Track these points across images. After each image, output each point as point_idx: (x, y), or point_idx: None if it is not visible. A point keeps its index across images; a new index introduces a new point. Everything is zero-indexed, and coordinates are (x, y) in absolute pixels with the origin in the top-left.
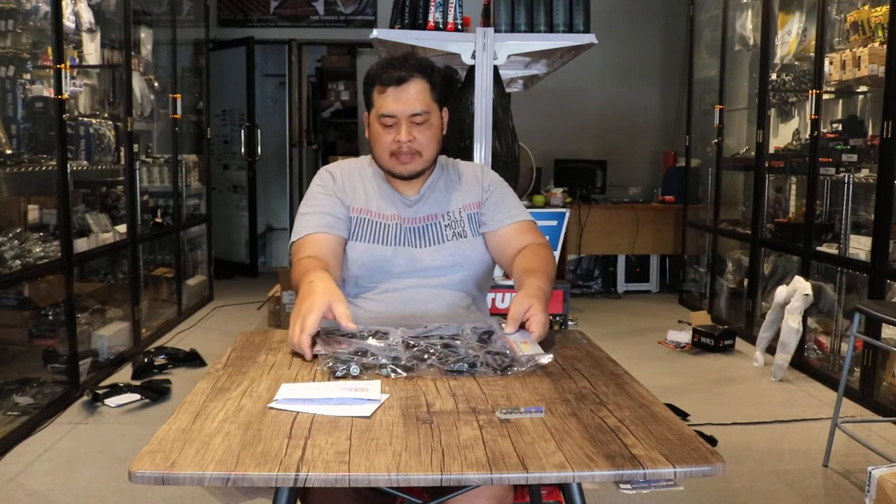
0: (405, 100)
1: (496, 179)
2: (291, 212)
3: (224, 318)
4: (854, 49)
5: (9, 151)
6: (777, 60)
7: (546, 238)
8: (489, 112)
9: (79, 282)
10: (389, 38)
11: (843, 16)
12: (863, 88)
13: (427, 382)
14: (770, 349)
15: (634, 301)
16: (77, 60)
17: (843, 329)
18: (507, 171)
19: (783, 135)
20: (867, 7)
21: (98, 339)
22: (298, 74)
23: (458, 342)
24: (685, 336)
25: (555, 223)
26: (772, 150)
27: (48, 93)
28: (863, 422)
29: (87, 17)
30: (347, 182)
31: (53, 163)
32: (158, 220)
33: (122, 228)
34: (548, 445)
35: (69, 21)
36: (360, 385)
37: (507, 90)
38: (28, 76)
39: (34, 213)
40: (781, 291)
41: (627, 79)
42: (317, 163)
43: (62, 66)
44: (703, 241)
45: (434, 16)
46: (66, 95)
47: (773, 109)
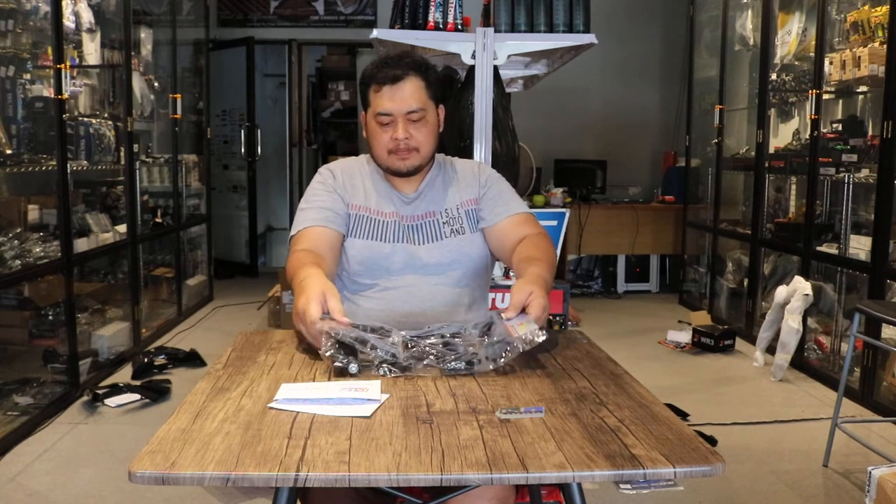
0: (401, 98)
1: (493, 175)
2: (291, 212)
3: (224, 318)
4: (854, 49)
5: (9, 151)
6: (777, 60)
7: (544, 229)
8: (489, 112)
9: (79, 282)
10: (389, 38)
11: (843, 16)
12: (863, 88)
13: (427, 382)
14: (770, 349)
15: (634, 301)
16: (77, 60)
17: (843, 329)
18: (507, 171)
19: (783, 135)
20: (867, 7)
21: (98, 339)
22: (298, 74)
23: (458, 340)
24: (685, 336)
25: (555, 223)
26: (772, 150)
27: (48, 93)
28: (863, 422)
29: (87, 17)
30: (347, 180)
31: (53, 163)
32: (158, 220)
33: (122, 228)
34: (548, 445)
35: (69, 21)
36: (360, 385)
37: (507, 90)
38: (28, 76)
39: (34, 213)
40: (781, 291)
41: (627, 79)
42: (317, 163)
43: (62, 66)
44: (703, 241)
45: (434, 16)
46: (66, 95)
47: (773, 109)
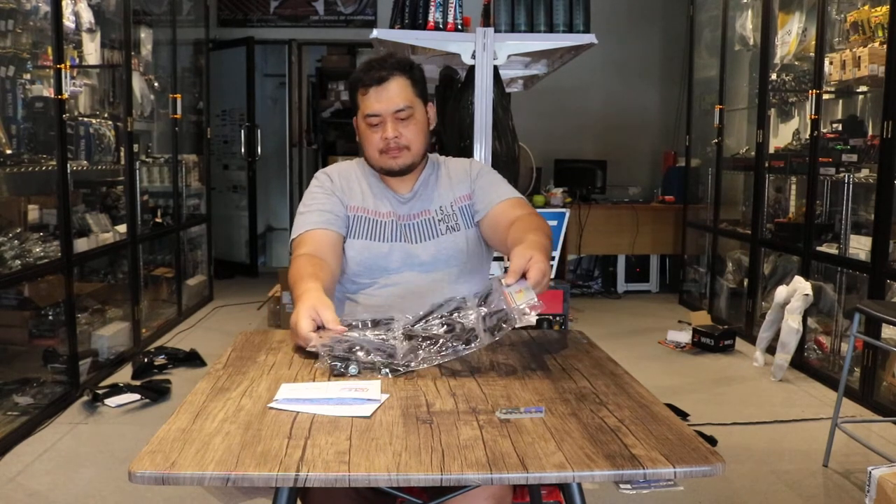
0: (387, 98)
1: (484, 168)
2: (291, 212)
3: (224, 318)
4: (854, 49)
5: (9, 151)
6: (777, 60)
7: (537, 212)
8: (489, 112)
9: (79, 282)
10: (389, 38)
11: (843, 16)
12: (863, 88)
13: (427, 382)
14: (770, 349)
15: (634, 301)
16: (77, 60)
17: (843, 329)
18: (507, 171)
19: (783, 135)
20: (867, 7)
21: (98, 339)
22: (298, 74)
23: (457, 316)
24: (685, 336)
25: (555, 223)
26: (772, 150)
27: (48, 93)
28: (863, 422)
29: (87, 17)
30: (344, 182)
31: (53, 163)
32: (158, 220)
33: (122, 228)
34: (548, 445)
35: (69, 21)
36: (360, 385)
37: (507, 90)
38: (28, 76)
39: (34, 213)
40: (781, 291)
41: (627, 79)
42: (317, 163)
43: (62, 66)
44: (703, 241)
45: (434, 16)
46: (66, 95)
47: (773, 109)
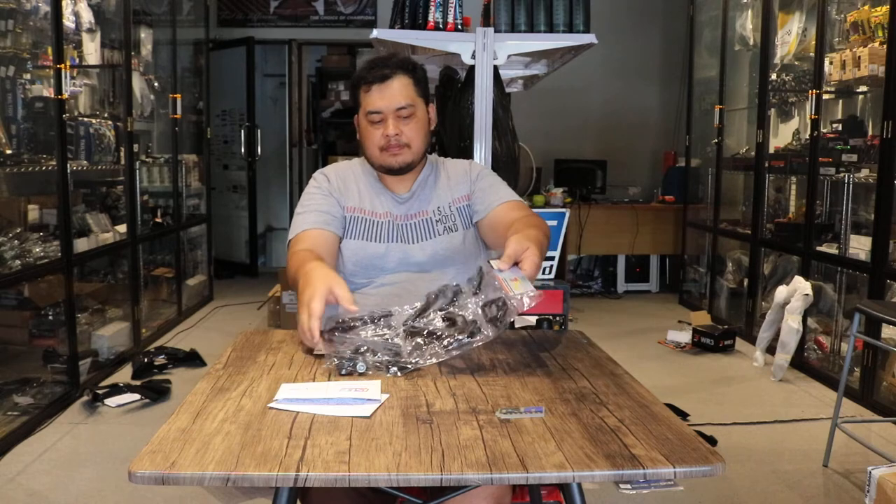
0: (389, 95)
1: (483, 170)
2: (291, 212)
3: (224, 318)
4: (854, 49)
5: (9, 151)
6: (777, 60)
7: (537, 214)
8: (489, 112)
9: (79, 282)
10: (389, 38)
11: (843, 16)
12: (863, 88)
13: (427, 382)
14: (770, 349)
15: (634, 301)
16: (77, 60)
17: (843, 329)
18: (507, 171)
19: (783, 135)
20: (867, 7)
21: (98, 339)
22: (298, 74)
23: (457, 309)
24: (685, 336)
25: (555, 223)
26: (772, 150)
27: (48, 93)
28: (863, 422)
29: (87, 17)
30: (341, 183)
31: (53, 163)
32: (158, 220)
33: (122, 228)
34: (548, 445)
35: (69, 21)
36: (360, 385)
37: (507, 90)
38: (28, 76)
39: (34, 213)
40: (781, 291)
41: (627, 79)
42: (317, 163)
43: (62, 66)
44: (703, 241)
45: (434, 16)
46: (66, 95)
47: (773, 109)
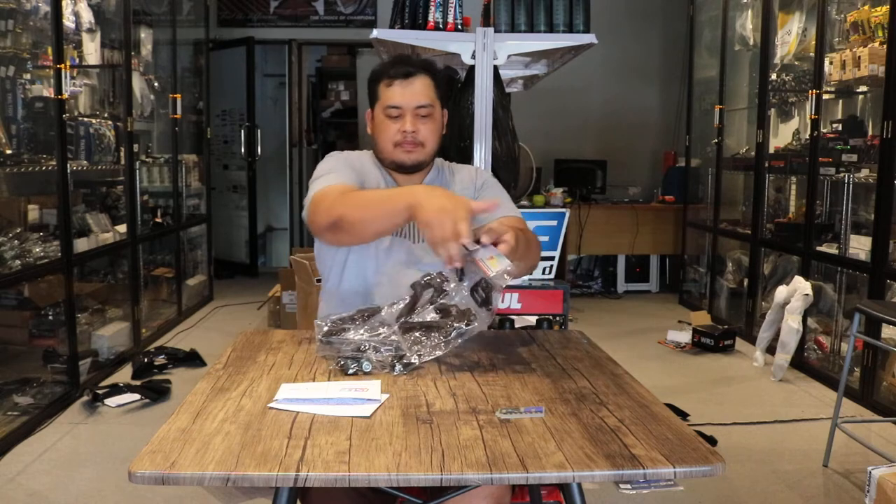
0: (411, 93)
1: (490, 179)
2: (291, 212)
3: (224, 318)
4: (854, 49)
5: (9, 151)
6: (777, 60)
7: (533, 233)
8: (489, 112)
9: (79, 282)
10: (389, 38)
11: (843, 16)
12: (863, 88)
13: (427, 382)
14: (770, 349)
15: (634, 301)
16: (77, 60)
17: (843, 329)
18: (507, 171)
19: (783, 135)
20: (867, 7)
21: (98, 339)
22: (298, 74)
23: (446, 299)
24: (685, 336)
25: (555, 223)
26: (772, 150)
27: (48, 93)
28: (863, 422)
29: (87, 17)
30: (360, 166)
31: (53, 163)
32: (158, 220)
33: (122, 228)
34: (548, 445)
35: (69, 21)
36: (360, 385)
37: (507, 90)
38: (28, 76)
39: (34, 213)
40: (781, 291)
41: (627, 79)
42: (317, 163)
43: (62, 66)
44: (703, 241)
45: (434, 16)
46: (66, 95)
47: (773, 109)
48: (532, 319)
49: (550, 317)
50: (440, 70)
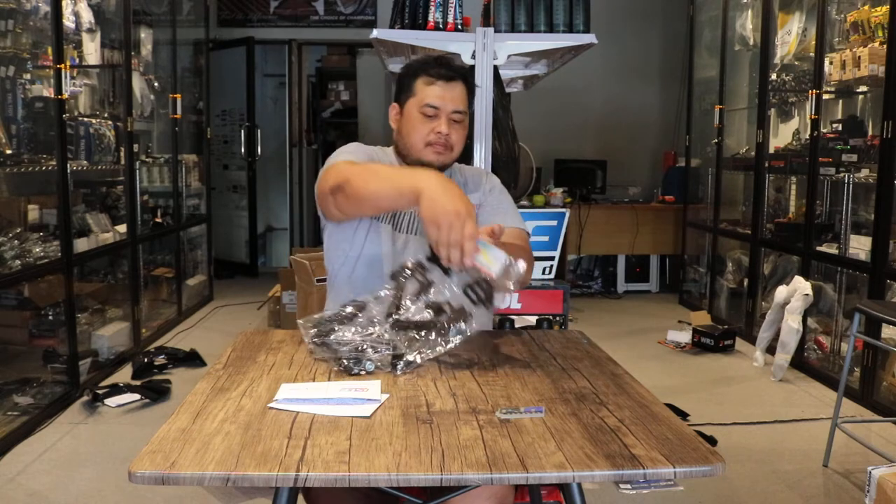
0: (451, 97)
1: (497, 185)
2: (291, 212)
3: (224, 318)
4: (854, 49)
5: (9, 151)
6: (777, 60)
7: (532, 252)
8: (489, 112)
9: (79, 282)
10: (389, 38)
11: (843, 16)
12: (863, 88)
13: (427, 382)
14: (770, 349)
15: (634, 301)
16: (77, 60)
17: (843, 329)
18: (507, 171)
19: (783, 135)
20: (867, 7)
21: (98, 339)
22: (298, 74)
23: (435, 294)
24: (685, 336)
25: (555, 223)
26: (772, 150)
27: (48, 93)
28: (863, 422)
29: (87, 17)
30: (378, 157)
31: (53, 163)
32: (158, 220)
33: (122, 228)
34: (548, 445)
35: (69, 21)
36: (360, 385)
37: (507, 90)
38: (28, 76)
39: (34, 213)
40: (781, 291)
41: (627, 79)
42: (317, 162)
43: (62, 66)
44: (703, 241)
45: (434, 16)
46: (66, 95)
47: (773, 109)
48: (532, 319)
49: (550, 317)
50: (473, 80)
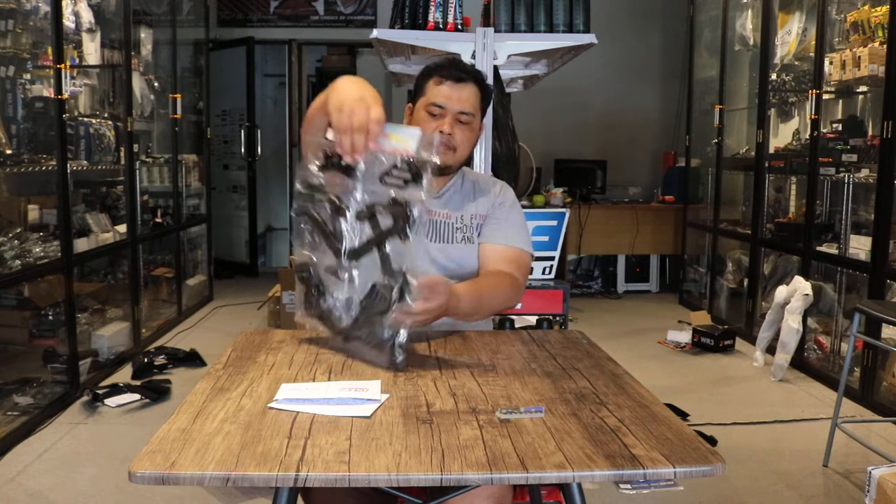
0: (459, 98)
1: (510, 200)
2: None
3: (224, 318)
4: (854, 49)
5: (9, 151)
6: (777, 60)
7: (525, 279)
8: (489, 112)
9: (79, 282)
10: (389, 38)
11: (843, 16)
12: (863, 88)
13: (427, 382)
14: (770, 349)
15: (634, 301)
16: (77, 60)
17: (843, 329)
18: (507, 171)
19: (783, 135)
20: (867, 7)
21: (98, 339)
22: (298, 74)
23: (359, 203)
24: (685, 336)
25: (555, 223)
26: (772, 150)
27: (48, 93)
28: (863, 422)
29: (87, 17)
30: None
31: (53, 163)
32: (158, 220)
33: (122, 228)
34: (548, 445)
35: (69, 21)
36: (360, 385)
37: (507, 90)
38: (28, 76)
39: (34, 213)
40: (781, 291)
41: (627, 79)
42: None
43: (62, 66)
44: (703, 241)
45: (434, 16)
46: (66, 95)
47: (773, 109)
48: (532, 319)
49: (550, 317)
50: (489, 85)
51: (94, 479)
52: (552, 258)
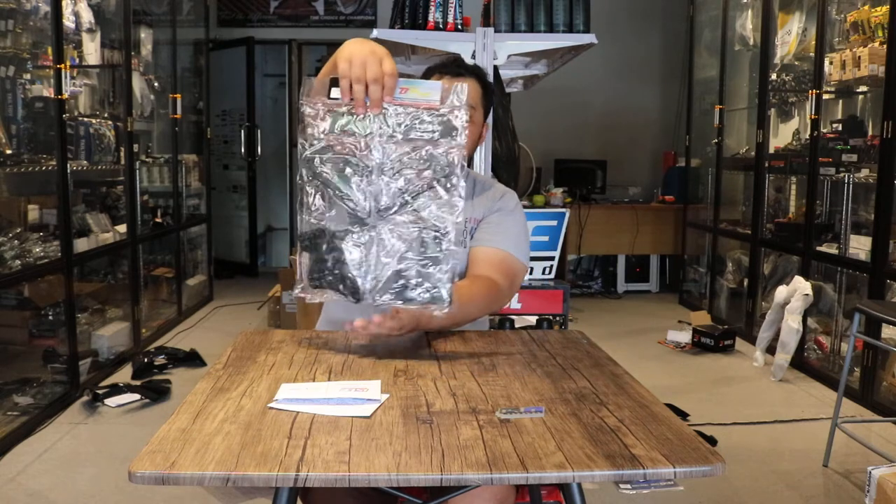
0: None
1: (510, 207)
2: (291, 212)
3: (224, 318)
4: (854, 49)
5: (9, 151)
6: (777, 60)
7: (511, 285)
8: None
9: (79, 282)
10: (389, 38)
11: (843, 16)
12: (863, 88)
13: (427, 382)
14: (770, 349)
15: (634, 301)
16: (77, 60)
17: (843, 329)
18: (507, 171)
19: (783, 135)
20: (867, 7)
21: (98, 339)
22: (298, 74)
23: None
24: (685, 336)
25: (555, 223)
26: (772, 150)
27: (48, 93)
28: (863, 422)
29: (87, 17)
30: None
31: (53, 163)
32: (158, 220)
33: (122, 228)
34: (548, 445)
35: (69, 21)
36: (360, 385)
37: (507, 90)
38: (28, 76)
39: (34, 213)
40: (781, 291)
41: (627, 79)
42: None
43: (62, 66)
44: (703, 241)
45: (434, 16)
46: (66, 95)
47: (773, 109)
48: (532, 319)
49: (550, 317)
50: (490, 83)
51: (94, 479)
52: (552, 258)
